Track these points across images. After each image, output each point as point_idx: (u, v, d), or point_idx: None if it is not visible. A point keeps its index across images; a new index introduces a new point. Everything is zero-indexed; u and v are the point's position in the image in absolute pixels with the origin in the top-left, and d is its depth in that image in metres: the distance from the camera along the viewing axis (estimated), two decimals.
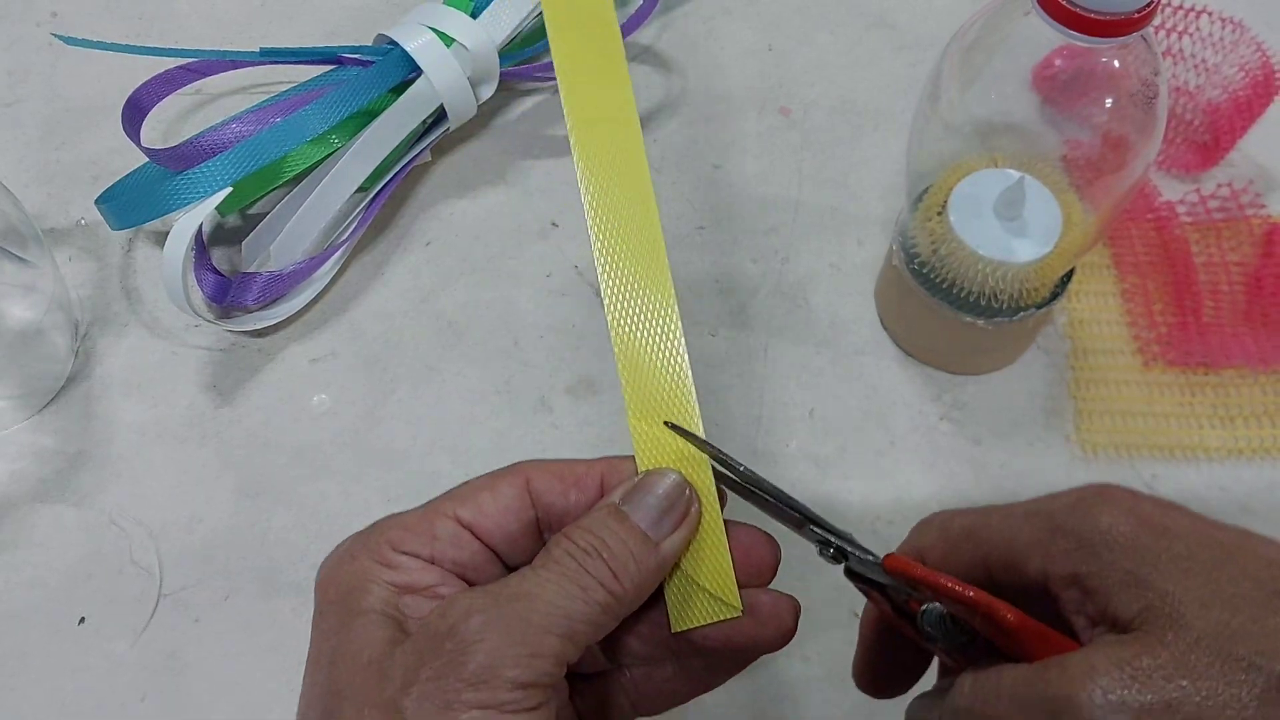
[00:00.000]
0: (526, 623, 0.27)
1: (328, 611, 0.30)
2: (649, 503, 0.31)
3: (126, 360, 0.51)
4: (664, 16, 0.61)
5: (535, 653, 0.27)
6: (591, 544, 0.29)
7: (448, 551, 0.31)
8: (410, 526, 0.31)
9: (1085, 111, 0.42)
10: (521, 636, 0.27)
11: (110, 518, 0.47)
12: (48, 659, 0.44)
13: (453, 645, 0.27)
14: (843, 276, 0.53)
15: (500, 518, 0.31)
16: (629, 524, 0.30)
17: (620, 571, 0.29)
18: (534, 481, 0.32)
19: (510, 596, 0.28)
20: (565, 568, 0.29)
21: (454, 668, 0.27)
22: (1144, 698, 0.25)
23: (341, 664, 0.28)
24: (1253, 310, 0.50)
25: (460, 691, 0.26)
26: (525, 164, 0.56)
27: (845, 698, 0.44)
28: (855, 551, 0.31)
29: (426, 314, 0.52)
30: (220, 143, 0.49)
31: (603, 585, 0.29)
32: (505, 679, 0.27)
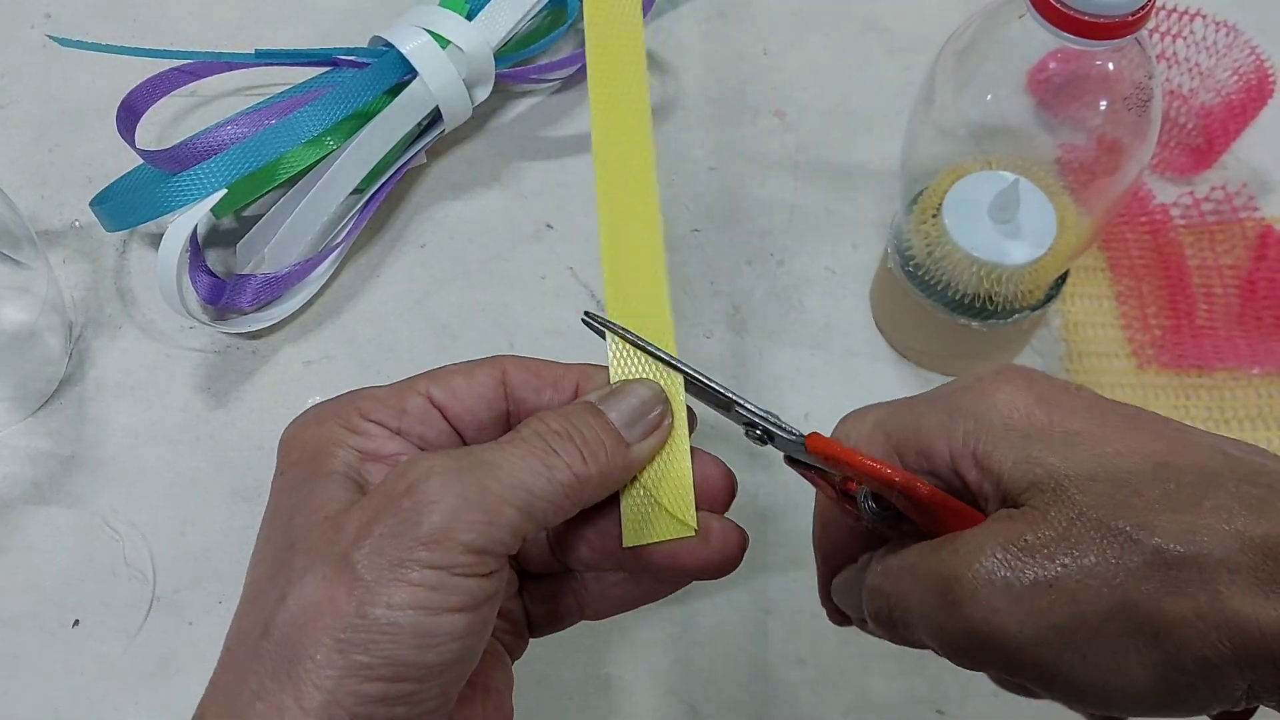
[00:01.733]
0: (486, 489, 0.27)
1: (288, 471, 0.30)
2: (625, 405, 0.31)
3: (120, 362, 0.51)
4: (659, 19, 0.61)
5: (492, 520, 0.27)
6: (564, 427, 0.29)
7: (415, 427, 0.31)
8: (381, 398, 0.31)
9: (1079, 114, 0.42)
10: (479, 502, 0.27)
11: (104, 520, 0.47)
12: (41, 661, 0.44)
13: (409, 504, 0.27)
14: (838, 279, 0.53)
15: (471, 403, 0.31)
16: (604, 419, 0.30)
17: (590, 456, 0.29)
18: (510, 374, 0.32)
19: (473, 463, 0.28)
20: (532, 445, 0.29)
21: (408, 526, 0.27)
22: (1025, 576, 0.25)
23: (298, 519, 0.28)
24: (1246, 313, 0.50)
25: (413, 549, 0.26)
26: (520, 166, 0.56)
27: (840, 700, 0.44)
28: (780, 432, 0.31)
29: (421, 316, 0.52)
30: (215, 144, 0.49)
31: (569, 466, 0.29)
32: (459, 541, 0.27)
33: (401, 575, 0.26)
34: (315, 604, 0.26)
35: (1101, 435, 0.27)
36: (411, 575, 0.26)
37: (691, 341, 0.51)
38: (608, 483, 0.30)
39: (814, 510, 0.34)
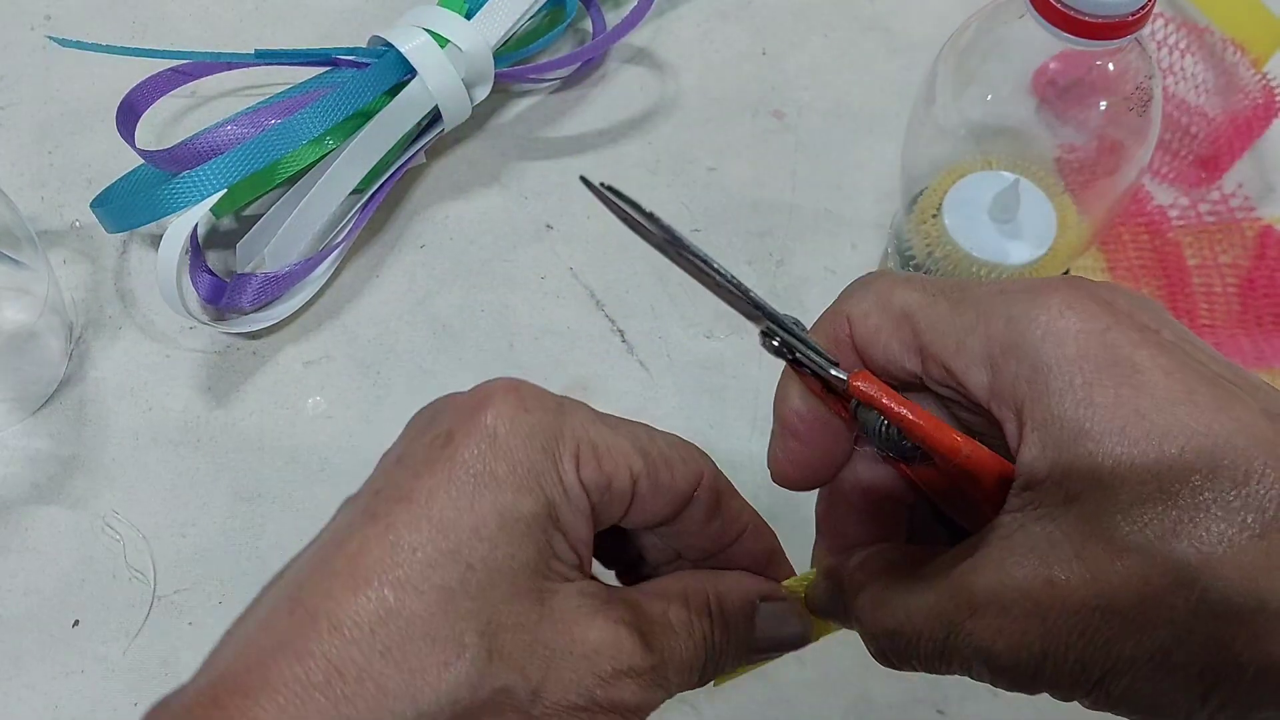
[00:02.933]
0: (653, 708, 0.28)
1: (484, 478, 0.25)
2: (774, 635, 0.31)
3: (121, 363, 0.51)
4: (658, 19, 0.61)
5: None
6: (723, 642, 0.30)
7: (607, 507, 0.27)
8: (601, 457, 0.26)
9: (1080, 115, 0.43)
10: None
11: (104, 521, 0.47)
12: (41, 663, 0.44)
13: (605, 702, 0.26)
14: (838, 280, 0.53)
15: (659, 506, 0.28)
16: (752, 637, 0.30)
17: (717, 672, 0.30)
18: (702, 485, 0.29)
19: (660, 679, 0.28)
20: (697, 660, 0.29)
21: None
22: (1057, 623, 0.23)
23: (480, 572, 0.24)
24: (1247, 312, 0.50)
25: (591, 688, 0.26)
26: (520, 166, 0.56)
27: (840, 701, 0.44)
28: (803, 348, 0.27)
29: (421, 317, 0.52)
30: (215, 145, 0.49)
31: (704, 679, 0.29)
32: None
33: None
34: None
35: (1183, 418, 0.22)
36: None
37: (691, 341, 0.51)
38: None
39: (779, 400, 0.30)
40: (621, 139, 0.57)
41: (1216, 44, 0.55)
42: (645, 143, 0.57)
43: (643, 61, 0.60)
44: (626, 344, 0.51)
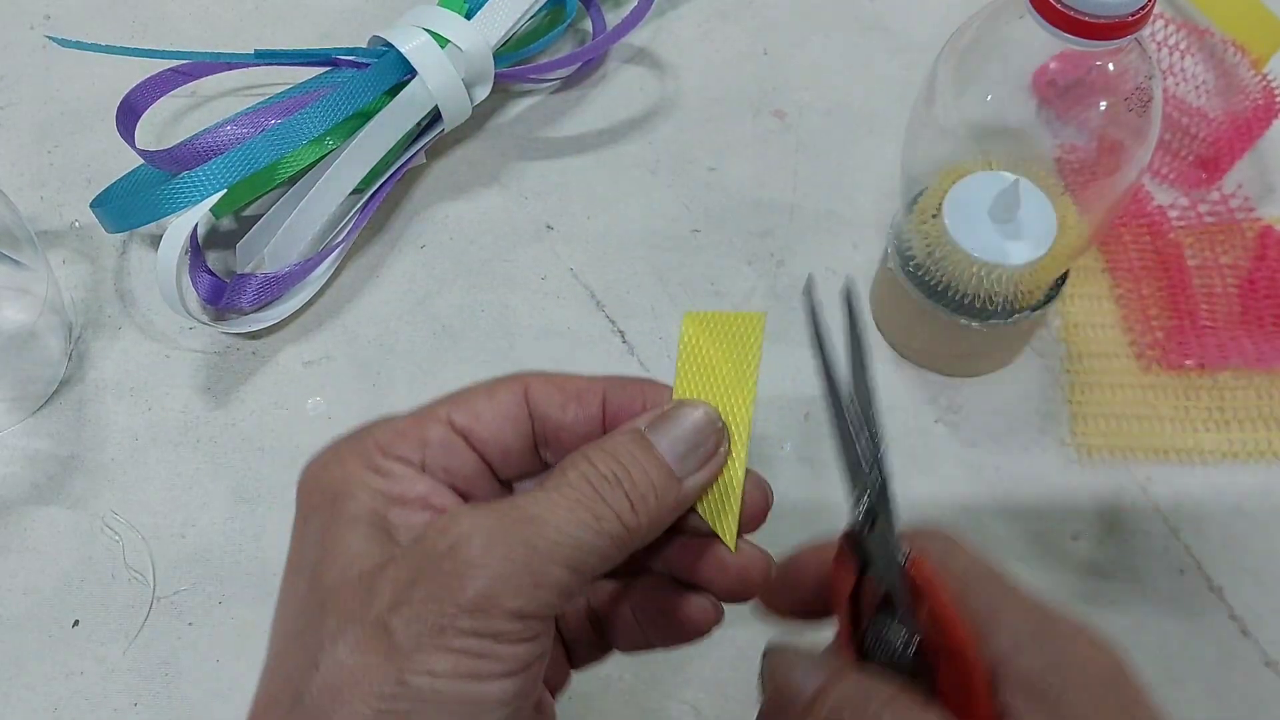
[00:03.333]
0: (533, 549, 0.25)
1: (311, 517, 0.28)
2: (677, 435, 0.29)
3: (120, 363, 0.51)
4: (659, 19, 0.61)
5: (539, 583, 0.25)
6: (612, 470, 0.27)
7: (439, 458, 0.29)
8: (401, 430, 0.29)
9: (1080, 115, 0.43)
10: (526, 564, 0.25)
11: (104, 522, 0.47)
12: (41, 663, 0.44)
13: (450, 566, 0.25)
14: (838, 280, 0.53)
15: (497, 425, 0.29)
16: (654, 454, 0.28)
17: (639, 504, 0.27)
18: (532, 390, 0.30)
19: (518, 519, 0.26)
20: (581, 493, 0.27)
21: (451, 591, 0.25)
22: None
23: (326, 574, 0.27)
24: (1248, 312, 0.50)
25: (455, 617, 0.25)
26: (520, 166, 0.56)
27: None
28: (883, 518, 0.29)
29: (421, 317, 0.52)
30: (215, 145, 0.49)
31: (619, 517, 0.27)
32: (505, 609, 0.25)
33: (443, 642, 0.25)
34: (351, 671, 0.25)
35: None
36: (454, 642, 0.25)
37: None
38: (658, 526, 0.28)
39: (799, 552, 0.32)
40: (622, 139, 0.57)
41: (1217, 44, 0.55)
42: (646, 143, 0.57)
43: (643, 61, 0.60)
44: (627, 344, 0.51)
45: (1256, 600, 0.45)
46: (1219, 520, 0.47)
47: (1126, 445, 0.49)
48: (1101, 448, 0.48)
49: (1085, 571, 0.46)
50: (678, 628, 0.31)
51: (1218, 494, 0.48)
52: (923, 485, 0.48)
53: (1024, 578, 0.46)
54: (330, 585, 0.26)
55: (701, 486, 0.29)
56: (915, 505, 0.47)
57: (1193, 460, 0.48)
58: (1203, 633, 0.44)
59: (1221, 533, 0.47)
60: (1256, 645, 0.45)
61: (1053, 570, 0.46)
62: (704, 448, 0.29)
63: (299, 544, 0.29)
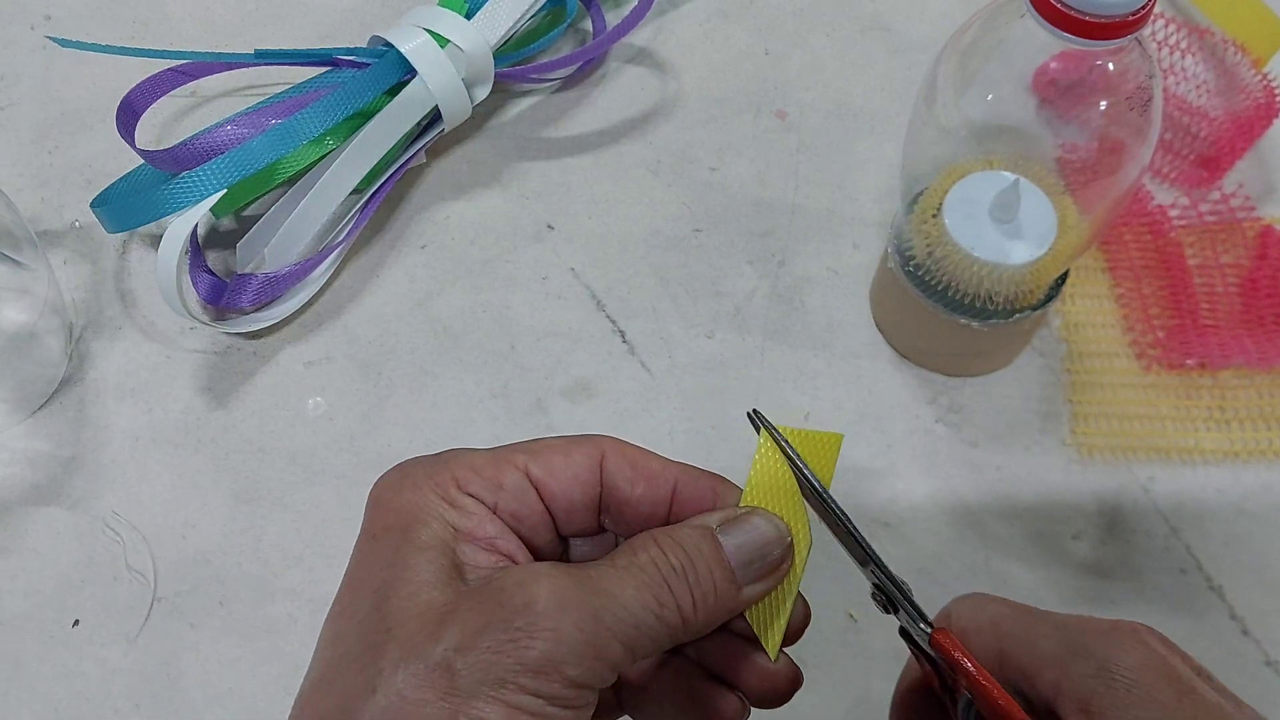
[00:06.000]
0: (599, 622, 0.27)
1: (382, 537, 0.29)
2: (747, 542, 0.30)
3: (121, 364, 0.51)
4: (660, 19, 0.61)
5: (599, 655, 0.27)
6: (680, 561, 0.28)
7: (510, 504, 0.30)
8: (479, 469, 0.30)
9: (1080, 115, 0.42)
10: (592, 637, 0.26)
11: (104, 522, 0.47)
12: (41, 665, 0.44)
13: (523, 623, 0.26)
14: (839, 279, 0.53)
15: (568, 484, 0.30)
16: (722, 555, 0.29)
17: (700, 600, 0.28)
18: (608, 458, 0.31)
19: (590, 590, 0.27)
20: (649, 576, 0.28)
21: (518, 647, 0.26)
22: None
23: (393, 599, 0.27)
24: (1249, 312, 0.50)
25: (518, 673, 0.26)
26: (521, 166, 0.56)
27: (840, 701, 0.44)
28: (906, 607, 0.31)
29: (422, 317, 0.52)
30: (215, 145, 0.49)
31: (679, 608, 0.28)
32: (565, 675, 0.26)
33: (501, 695, 0.26)
34: (408, 703, 0.26)
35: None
36: (511, 697, 0.26)
37: (692, 341, 0.51)
38: (710, 625, 0.29)
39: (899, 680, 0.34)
40: (622, 139, 0.57)
41: (1217, 44, 0.55)
42: (646, 143, 0.57)
43: (643, 61, 0.60)
44: (627, 344, 0.51)
45: (1257, 600, 0.45)
46: (1220, 520, 0.47)
47: (1127, 445, 0.49)
48: (1102, 447, 0.48)
49: (1086, 571, 0.46)
50: (701, 715, 0.32)
51: (1219, 493, 0.48)
52: (924, 485, 0.48)
53: (1024, 578, 0.46)
54: (396, 613, 0.27)
55: (758, 597, 0.30)
56: (916, 505, 0.47)
57: (1194, 460, 0.48)
58: (1203, 633, 0.44)
59: (1222, 532, 0.47)
60: (1257, 645, 0.45)
61: (1053, 570, 0.46)
62: (769, 560, 0.30)
63: (365, 561, 0.29)
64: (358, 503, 0.47)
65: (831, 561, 0.43)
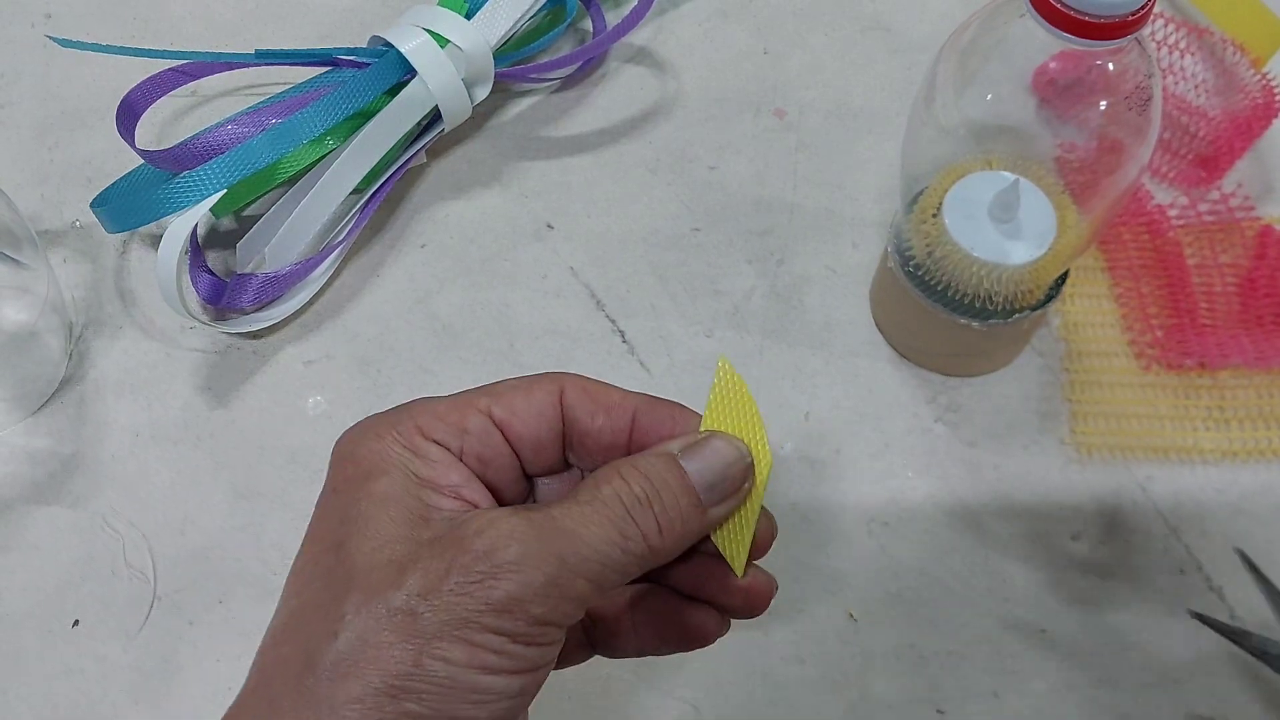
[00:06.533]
0: (562, 562, 0.27)
1: (342, 489, 0.29)
2: (710, 466, 0.30)
3: (121, 362, 0.51)
4: (659, 19, 0.61)
5: (564, 594, 0.27)
6: (645, 491, 0.29)
7: (475, 447, 0.30)
8: (442, 415, 0.30)
9: (1080, 115, 0.42)
10: (555, 575, 0.27)
11: (104, 520, 0.47)
12: (41, 662, 0.44)
13: (485, 567, 0.26)
14: (838, 279, 0.53)
15: (532, 421, 0.31)
16: (686, 481, 0.29)
17: (666, 527, 0.29)
18: (567, 393, 0.31)
19: (552, 530, 0.27)
20: (613, 511, 0.28)
21: (482, 589, 0.26)
22: None
23: (355, 550, 0.27)
24: (1247, 312, 0.50)
25: (481, 613, 0.26)
26: (520, 165, 0.56)
27: (840, 700, 0.44)
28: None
29: (422, 316, 0.52)
30: (216, 144, 0.49)
31: (645, 537, 0.28)
32: (529, 614, 0.26)
33: (465, 635, 0.26)
34: (369, 645, 0.26)
35: None
36: (475, 636, 0.26)
37: (691, 340, 0.51)
38: (678, 550, 0.30)
39: None
40: (622, 139, 0.57)
41: (1216, 44, 0.55)
42: (646, 142, 0.57)
43: (643, 61, 0.60)
44: (627, 344, 0.51)
45: (1257, 600, 0.45)
46: (1219, 520, 0.47)
47: (1126, 444, 0.49)
48: (1101, 447, 0.49)
49: (1085, 571, 0.46)
50: (681, 636, 0.32)
51: (1217, 493, 0.48)
52: (923, 485, 0.48)
53: (1023, 577, 0.46)
54: (358, 562, 0.27)
55: (723, 517, 0.31)
56: (916, 505, 0.47)
57: (1193, 459, 0.48)
58: (1203, 632, 0.44)
59: (1222, 532, 0.47)
60: (1231, 619, 0.45)
61: (1053, 570, 0.46)
62: (732, 481, 0.30)
63: (326, 514, 0.29)
64: None
65: (831, 561, 0.43)
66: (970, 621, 0.45)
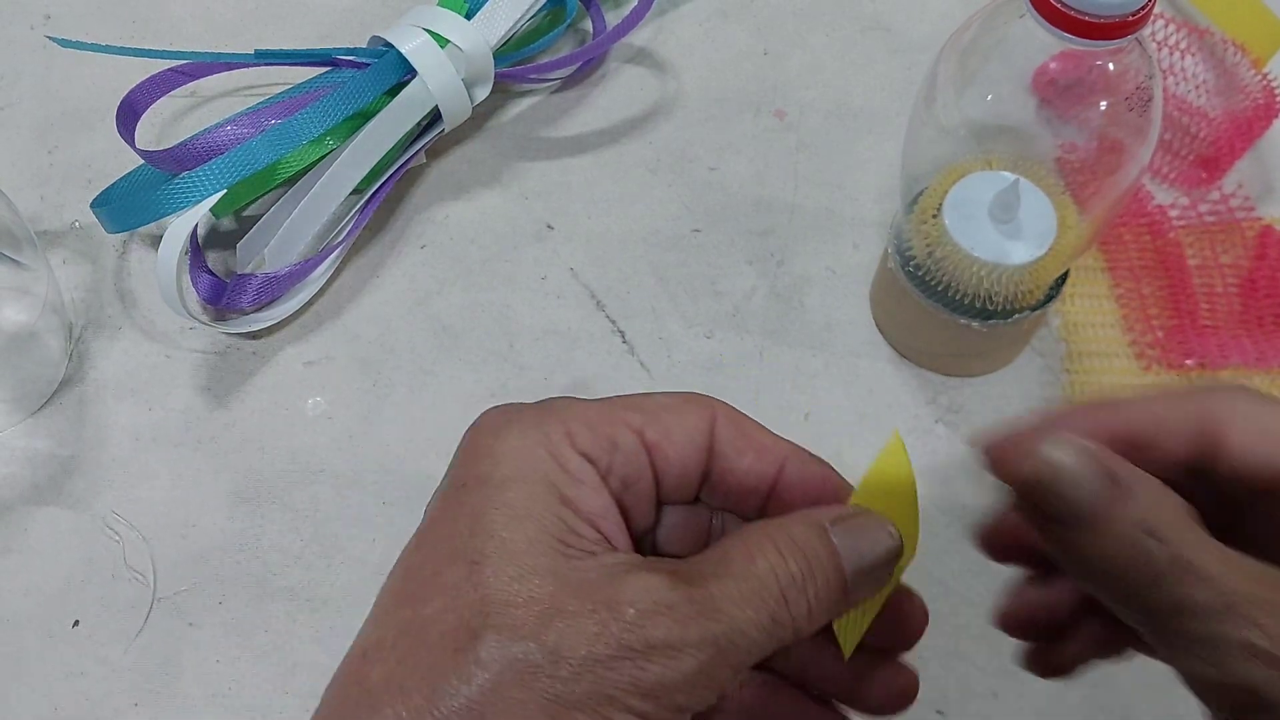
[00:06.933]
0: (717, 651, 0.25)
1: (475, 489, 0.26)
2: (864, 552, 0.27)
3: (121, 363, 0.51)
4: (659, 19, 0.61)
5: (710, 685, 0.25)
6: (801, 571, 0.26)
7: (621, 467, 0.28)
8: (593, 424, 0.27)
9: (1080, 115, 0.42)
10: (708, 665, 0.25)
11: (104, 522, 0.47)
12: (42, 664, 0.44)
13: (637, 643, 0.24)
14: (838, 279, 0.53)
15: (683, 448, 0.28)
16: (838, 562, 0.27)
17: (816, 615, 0.26)
18: (719, 424, 0.29)
19: (710, 610, 0.25)
20: (768, 590, 0.26)
21: (632, 668, 0.24)
22: None
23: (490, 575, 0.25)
24: (1248, 312, 0.50)
25: (628, 695, 0.24)
26: (521, 166, 0.56)
27: None
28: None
29: (421, 317, 0.52)
30: (216, 145, 0.49)
31: (793, 624, 0.26)
32: (675, 702, 0.25)
33: (604, 711, 0.24)
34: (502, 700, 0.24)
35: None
36: (614, 715, 0.24)
37: (692, 341, 0.51)
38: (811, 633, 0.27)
39: None
40: (622, 139, 0.57)
41: (1217, 44, 0.55)
42: (646, 142, 0.57)
43: (643, 61, 0.60)
44: (627, 344, 0.51)
45: None
46: None
47: None
48: None
49: None
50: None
51: None
52: (923, 486, 0.47)
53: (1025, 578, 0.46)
54: (495, 593, 0.25)
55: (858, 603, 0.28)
56: None
57: None
58: None
59: None
60: None
61: None
62: (880, 575, 0.28)
63: (452, 514, 0.26)
64: (357, 502, 0.48)
65: None
66: (970, 621, 0.45)
